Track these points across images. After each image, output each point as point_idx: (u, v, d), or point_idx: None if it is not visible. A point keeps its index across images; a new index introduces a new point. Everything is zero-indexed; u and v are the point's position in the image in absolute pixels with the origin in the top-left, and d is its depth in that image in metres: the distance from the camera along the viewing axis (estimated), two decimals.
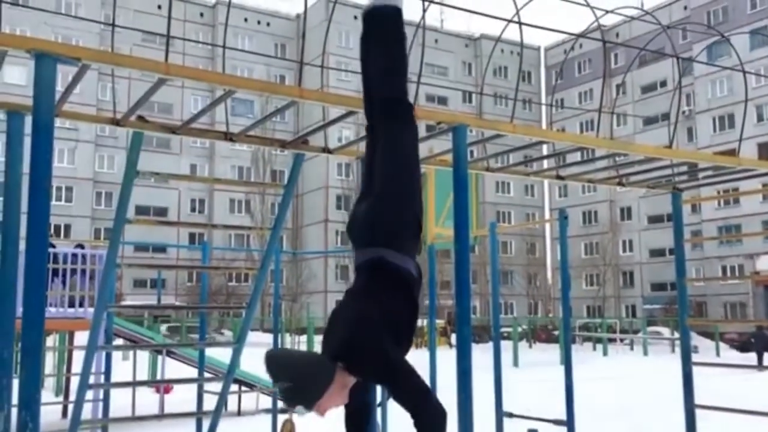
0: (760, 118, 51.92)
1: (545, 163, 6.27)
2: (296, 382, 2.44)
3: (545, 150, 6.12)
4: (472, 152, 4.96)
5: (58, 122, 3.18)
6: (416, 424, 2.56)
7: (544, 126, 58.76)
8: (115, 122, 4.01)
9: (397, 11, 3.02)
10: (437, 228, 10.56)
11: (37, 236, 3.26)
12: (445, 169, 5.24)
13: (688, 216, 51.03)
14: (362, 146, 3.75)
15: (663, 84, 58.71)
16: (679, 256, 5.82)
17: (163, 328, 33.72)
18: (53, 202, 50.13)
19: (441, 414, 2.57)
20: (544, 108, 62.43)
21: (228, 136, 4.27)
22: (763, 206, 50.90)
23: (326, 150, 4.68)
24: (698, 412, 5.48)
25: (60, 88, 3.32)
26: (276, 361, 2.50)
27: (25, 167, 3.35)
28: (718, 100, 54.51)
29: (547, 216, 64.94)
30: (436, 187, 8.21)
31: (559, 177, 5.81)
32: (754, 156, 38.28)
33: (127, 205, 3.79)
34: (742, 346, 39.17)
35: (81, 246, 10.76)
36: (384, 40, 2.99)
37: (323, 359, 2.53)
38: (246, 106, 53.05)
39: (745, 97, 5.68)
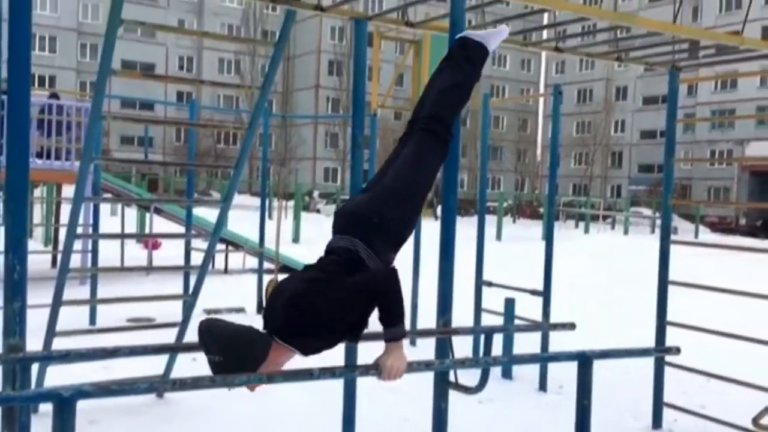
0: (767, 0, 50.44)
1: (545, 35, 6.09)
2: (228, 358, 2.38)
3: (545, 20, 5.92)
4: (470, 21, 4.78)
5: None
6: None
7: None
8: None
9: (483, 50, 3.24)
10: None
11: (18, 82, 3.17)
12: (440, 35, 5.07)
13: (684, 99, 50.59)
14: (357, 5, 3.59)
15: None
16: (670, 136, 5.80)
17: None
18: (36, 52, 48.75)
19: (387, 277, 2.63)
20: None
21: None
22: (760, 92, 50.46)
23: (319, 7, 4.47)
24: (671, 288, 5.63)
25: None
26: (210, 334, 2.42)
27: (4, 13, 3.20)
28: None
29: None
30: (431, 53, 7.97)
31: (557, 49, 5.65)
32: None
33: (111, 53, 3.65)
34: (723, 230, 40.01)
35: (55, 96, 10.48)
36: (460, 67, 3.19)
37: (258, 337, 2.46)
38: None
39: None
